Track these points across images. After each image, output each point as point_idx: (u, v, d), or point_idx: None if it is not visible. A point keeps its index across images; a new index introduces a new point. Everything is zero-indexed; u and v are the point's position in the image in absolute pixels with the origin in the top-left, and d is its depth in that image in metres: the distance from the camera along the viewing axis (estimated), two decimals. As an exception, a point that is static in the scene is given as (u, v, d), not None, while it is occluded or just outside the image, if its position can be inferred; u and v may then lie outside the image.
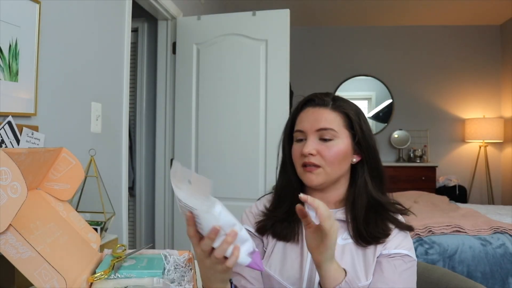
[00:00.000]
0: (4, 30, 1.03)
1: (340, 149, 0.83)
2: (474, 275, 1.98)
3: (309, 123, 0.85)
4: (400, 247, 0.82)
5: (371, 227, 0.82)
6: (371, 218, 0.83)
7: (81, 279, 0.72)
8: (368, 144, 0.85)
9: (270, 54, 2.20)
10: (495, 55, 4.23)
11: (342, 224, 0.85)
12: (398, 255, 0.81)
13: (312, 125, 0.84)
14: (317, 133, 0.84)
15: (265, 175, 2.19)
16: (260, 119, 2.21)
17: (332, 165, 0.83)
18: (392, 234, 0.83)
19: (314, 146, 0.83)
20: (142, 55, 2.67)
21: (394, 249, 0.81)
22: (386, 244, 0.82)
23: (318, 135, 0.84)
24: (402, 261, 0.81)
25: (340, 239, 0.84)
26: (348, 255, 0.83)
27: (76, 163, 0.90)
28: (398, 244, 0.82)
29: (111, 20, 1.65)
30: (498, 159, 4.21)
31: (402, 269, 0.80)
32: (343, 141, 0.83)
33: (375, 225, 0.82)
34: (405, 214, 0.88)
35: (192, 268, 0.86)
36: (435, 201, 2.99)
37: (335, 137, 0.83)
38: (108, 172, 1.60)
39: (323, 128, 0.83)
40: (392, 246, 0.82)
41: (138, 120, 2.68)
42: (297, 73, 4.14)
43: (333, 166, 0.83)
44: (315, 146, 0.83)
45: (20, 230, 0.63)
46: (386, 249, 0.82)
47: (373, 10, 3.91)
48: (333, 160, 0.83)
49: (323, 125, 0.83)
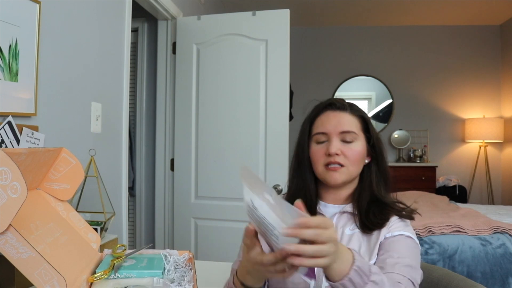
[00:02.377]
0: (4, 30, 1.03)
1: (360, 150, 0.91)
2: (474, 275, 1.97)
3: (332, 126, 0.91)
4: (403, 231, 0.87)
5: (371, 216, 0.88)
6: (372, 209, 0.89)
7: (81, 279, 0.72)
8: (379, 147, 0.94)
9: (270, 54, 2.20)
10: (495, 55, 4.23)
11: (350, 216, 0.92)
12: (402, 236, 0.85)
13: (335, 127, 0.91)
14: (340, 135, 0.91)
15: (265, 175, 2.19)
16: (260, 119, 2.21)
17: (354, 164, 0.91)
18: (394, 220, 0.88)
19: (338, 147, 0.90)
20: (142, 55, 2.67)
21: (397, 231, 0.86)
22: (390, 228, 0.87)
23: (341, 137, 0.91)
24: (406, 240, 0.85)
25: (348, 230, 0.90)
26: (355, 243, 0.88)
27: (76, 163, 0.90)
28: (401, 229, 0.87)
29: (111, 20, 1.65)
30: (498, 159, 4.21)
31: (407, 243, 0.84)
32: (361, 143, 0.92)
33: (375, 215, 0.88)
34: (409, 218, 0.91)
35: (192, 268, 0.86)
36: (435, 201, 2.99)
37: (356, 139, 0.91)
38: (108, 172, 1.60)
39: (346, 131, 0.90)
40: (395, 230, 0.86)
41: (138, 120, 2.68)
42: (297, 73, 4.14)
43: (354, 166, 0.91)
44: (339, 147, 0.90)
45: (20, 230, 0.63)
46: (390, 232, 0.86)
47: (373, 10, 3.91)
48: (355, 160, 0.90)
49: (346, 128, 0.91)
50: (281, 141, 2.19)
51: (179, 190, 2.38)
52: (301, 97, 4.22)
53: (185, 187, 2.35)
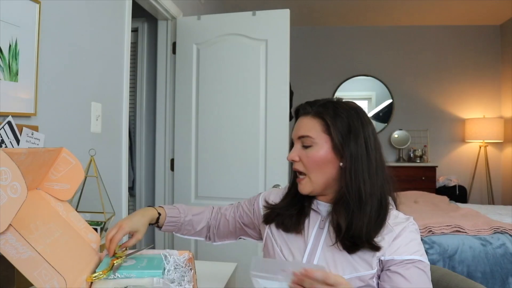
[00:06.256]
0: (4, 30, 1.03)
1: (319, 154, 0.85)
2: (474, 275, 1.97)
3: (294, 132, 0.91)
4: (413, 252, 0.80)
5: (345, 238, 0.81)
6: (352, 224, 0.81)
7: (81, 279, 0.72)
8: (353, 149, 0.83)
9: (270, 54, 2.20)
10: (495, 55, 4.23)
11: None
12: (412, 264, 0.78)
13: (295, 133, 0.90)
14: (299, 141, 0.88)
15: (265, 175, 2.19)
16: (260, 119, 2.21)
17: (314, 171, 0.86)
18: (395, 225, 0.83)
19: (296, 153, 0.88)
20: (142, 55, 2.67)
21: (406, 255, 0.79)
22: (393, 243, 0.81)
23: (301, 142, 0.88)
24: (417, 271, 0.78)
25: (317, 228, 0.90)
26: None
27: (76, 163, 0.90)
28: (409, 246, 0.80)
29: (111, 20, 1.65)
30: (498, 159, 4.21)
31: (419, 274, 0.78)
32: (322, 147, 0.85)
33: (349, 237, 0.81)
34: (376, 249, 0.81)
35: (192, 268, 0.86)
36: (435, 201, 2.99)
37: (314, 144, 0.85)
38: (108, 172, 1.60)
39: (301, 135, 0.87)
40: (402, 249, 0.80)
41: (138, 120, 2.68)
42: (297, 73, 4.14)
43: (315, 172, 0.86)
44: (297, 153, 0.88)
45: (20, 230, 0.63)
46: (395, 251, 0.80)
47: (373, 10, 3.91)
48: (312, 166, 0.86)
49: (302, 132, 0.88)
50: (281, 141, 2.19)
51: (179, 190, 2.38)
52: (301, 97, 4.22)
53: (185, 187, 2.35)
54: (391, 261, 0.79)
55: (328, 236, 0.87)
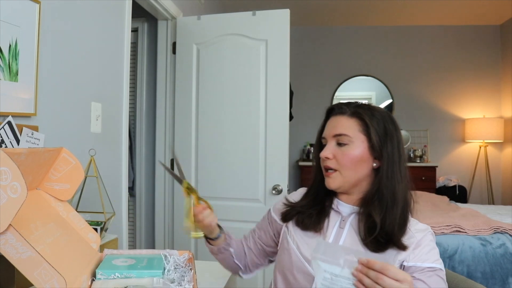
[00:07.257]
0: (4, 30, 1.03)
1: (355, 153, 0.87)
2: (474, 275, 1.97)
3: (329, 130, 0.92)
4: (434, 260, 0.82)
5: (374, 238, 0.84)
6: (384, 223, 0.84)
7: (81, 279, 0.72)
8: (390, 151, 0.87)
9: (270, 54, 2.20)
10: (495, 55, 4.23)
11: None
12: (433, 272, 0.80)
13: (330, 131, 0.91)
14: (334, 139, 0.90)
15: (265, 175, 2.19)
16: (260, 119, 2.21)
17: (347, 169, 0.88)
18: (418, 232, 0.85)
19: (331, 151, 0.89)
20: (142, 55, 2.66)
21: (428, 262, 0.81)
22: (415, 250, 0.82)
23: (336, 140, 0.90)
24: (437, 279, 0.80)
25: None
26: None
27: (76, 163, 0.90)
28: (430, 255, 0.82)
29: (111, 20, 1.65)
30: (498, 159, 4.20)
31: (437, 281, 0.80)
32: (358, 146, 0.87)
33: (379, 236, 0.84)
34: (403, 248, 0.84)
35: (192, 268, 0.86)
36: (435, 201, 2.98)
37: (350, 142, 0.88)
38: (108, 172, 1.60)
39: (338, 133, 0.89)
40: (422, 257, 0.82)
41: (138, 120, 2.68)
42: (297, 73, 4.14)
43: (349, 170, 0.88)
44: (332, 150, 0.89)
45: (20, 230, 0.63)
46: (416, 257, 0.82)
47: (373, 10, 3.90)
48: (347, 164, 0.87)
49: (339, 131, 0.89)
50: (281, 141, 2.19)
51: (179, 190, 2.38)
52: (301, 97, 4.22)
53: (185, 187, 2.35)
54: (413, 268, 0.81)
55: (348, 236, 0.88)
